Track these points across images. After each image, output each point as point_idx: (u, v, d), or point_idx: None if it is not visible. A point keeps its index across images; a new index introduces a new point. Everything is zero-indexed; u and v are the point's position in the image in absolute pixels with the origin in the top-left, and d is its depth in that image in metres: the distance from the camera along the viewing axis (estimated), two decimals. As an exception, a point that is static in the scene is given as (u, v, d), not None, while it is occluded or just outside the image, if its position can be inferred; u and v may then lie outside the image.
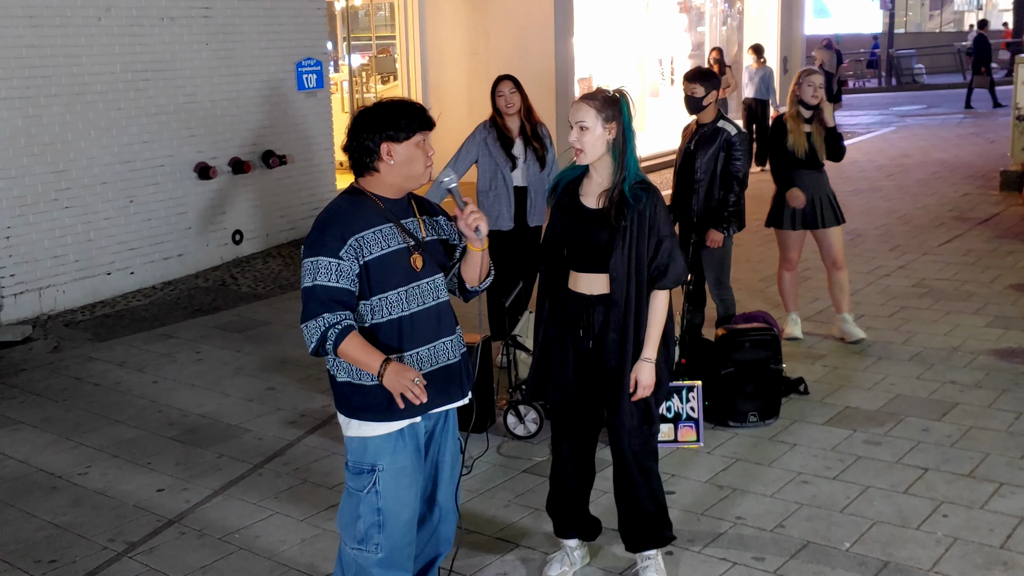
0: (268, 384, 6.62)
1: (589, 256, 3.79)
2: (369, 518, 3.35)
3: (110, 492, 5.13)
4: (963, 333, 6.99)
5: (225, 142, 9.77)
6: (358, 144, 3.28)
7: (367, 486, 3.33)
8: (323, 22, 10.92)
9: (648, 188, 3.76)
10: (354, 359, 3.19)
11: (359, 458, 3.35)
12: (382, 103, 3.33)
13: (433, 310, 3.37)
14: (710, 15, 21.25)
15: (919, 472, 4.93)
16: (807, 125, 6.77)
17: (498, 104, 6.47)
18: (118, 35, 8.76)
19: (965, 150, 16.09)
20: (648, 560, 4.03)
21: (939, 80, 31.70)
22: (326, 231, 3.24)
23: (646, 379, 3.77)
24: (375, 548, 3.36)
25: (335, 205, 3.34)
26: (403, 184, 3.33)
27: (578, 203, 3.83)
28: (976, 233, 10.16)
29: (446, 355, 3.40)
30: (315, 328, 3.18)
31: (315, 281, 3.21)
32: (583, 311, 3.83)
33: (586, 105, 3.71)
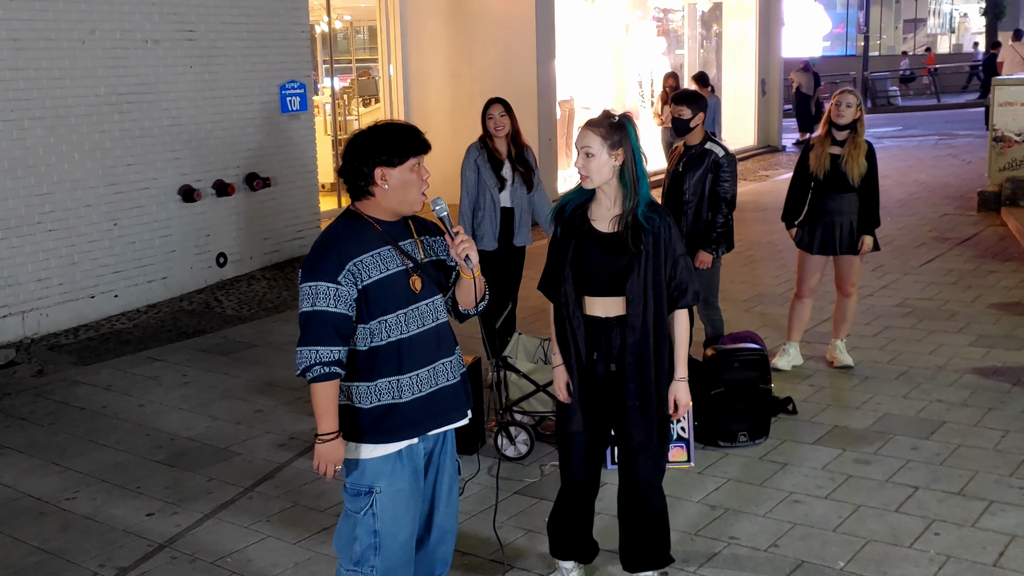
0: (256, 407, 6.59)
1: (606, 280, 3.81)
2: (366, 540, 3.34)
3: (99, 517, 5.09)
4: (948, 352, 7.05)
5: (209, 164, 9.76)
6: (352, 168, 3.27)
7: (364, 508, 3.32)
8: (306, 45, 10.94)
9: (658, 210, 3.80)
10: (317, 404, 3.25)
11: (357, 480, 3.35)
12: (377, 126, 3.32)
13: (432, 331, 3.37)
14: (688, 38, 21.41)
15: (910, 490, 4.96)
16: (836, 147, 6.52)
17: (488, 126, 6.59)
18: (102, 58, 8.74)
19: (942, 171, 16.25)
20: (646, 581, 4.04)
21: (913, 103, 32.03)
22: (324, 255, 3.24)
23: (684, 398, 3.87)
24: (371, 570, 3.36)
25: (333, 229, 3.33)
26: (398, 208, 3.32)
27: (590, 227, 3.83)
28: (956, 253, 10.26)
29: (445, 376, 3.41)
30: (306, 357, 3.22)
31: (314, 306, 3.21)
32: (600, 334, 3.84)
33: (591, 132, 3.74)
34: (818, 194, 6.63)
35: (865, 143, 6.52)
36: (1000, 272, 9.34)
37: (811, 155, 6.59)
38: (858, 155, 6.47)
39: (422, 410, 3.34)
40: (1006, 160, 12.51)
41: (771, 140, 21.29)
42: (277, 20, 10.39)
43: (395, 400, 3.29)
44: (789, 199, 6.82)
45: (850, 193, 6.56)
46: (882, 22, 44.82)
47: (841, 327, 6.89)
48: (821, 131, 6.64)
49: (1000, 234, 11.16)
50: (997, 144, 12.60)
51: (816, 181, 6.60)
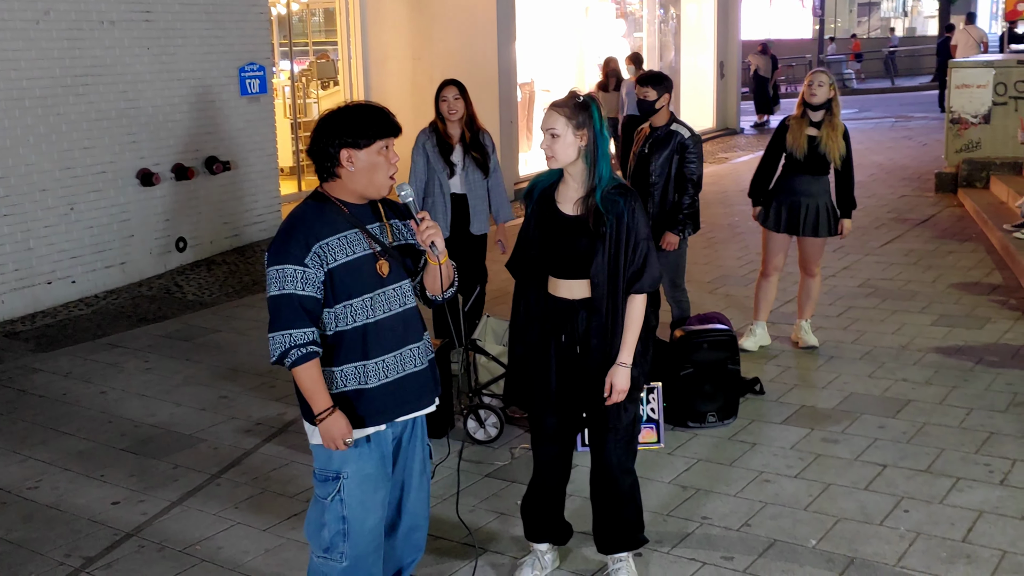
0: (221, 393, 6.51)
1: (570, 262, 3.78)
2: (334, 526, 3.32)
3: (63, 506, 5.00)
4: (910, 332, 7.11)
5: (168, 148, 9.60)
6: (319, 149, 3.22)
7: (332, 493, 3.30)
8: (266, 27, 10.79)
9: (625, 192, 3.74)
10: (302, 387, 3.20)
11: (324, 465, 3.32)
12: (347, 107, 3.26)
13: (399, 317, 3.32)
14: (648, 20, 21.42)
15: (878, 468, 5.00)
16: (813, 128, 6.53)
17: (441, 109, 6.40)
18: (57, 39, 8.56)
19: (899, 153, 16.41)
20: (620, 562, 4.03)
21: (869, 85, 32.31)
22: (290, 238, 3.18)
23: (621, 383, 3.75)
24: (340, 557, 3.34)
25: (299, 211, 3.27)
26: (365, 191, 3.27)
27: (555, 209, 3.81)
28: (915, 234, 10.36)
29: (413, 362, 3.36)
30: (280, 342, 3.16)
31: (282, 289, 3.15)
32: (566, 316, 3.81)
33: (556, 112, 3.71)
34: (789, 174, 6.64)
35: (841, 124, 6.54)
36: (959, 252, 9.45)
37: (788, 135, 6.59)
38: (836, 136, 6.48)
39: (389, 396, 3.30)
40: (963, 142, 12.65)
41: (729, 122, 21.40)
42: (236, 1, 10.23)
43: (361, 386, 3.25)
44: (758, 176, 6.83)
45: (824, 176, 6.60)
46: (837, 5, 45.14)
47: (806, 307, 6.93)
48: (796, 111, 6.64)
49: (958, 215, 11.29)
50: (954, 126, 12.73)
51: (790, 161, 6.60)
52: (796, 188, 6.61)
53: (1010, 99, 12.33)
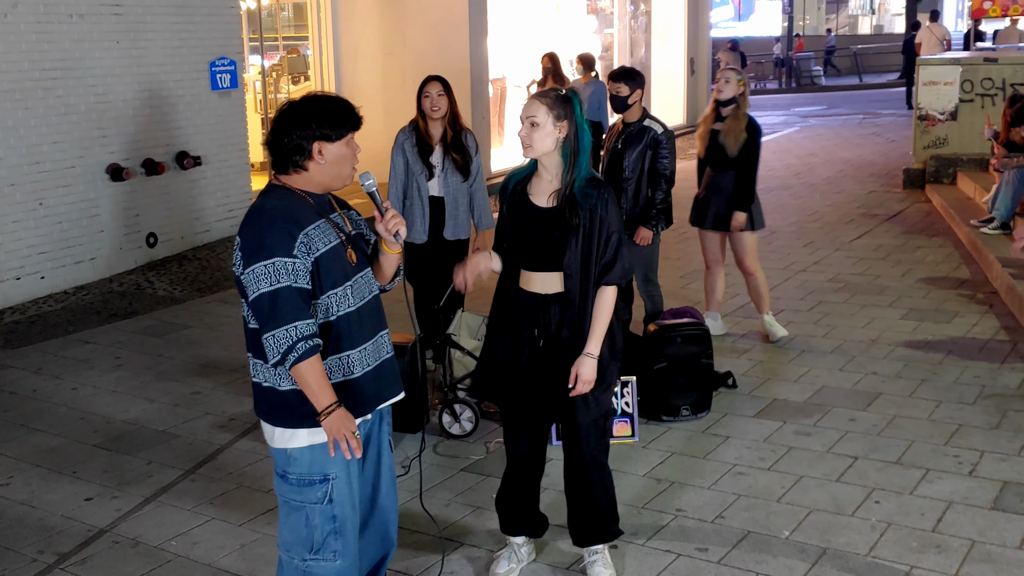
0: (193, 388, 6.48)
1: (543, 255, 3.78)
2: (325, 527, 3.22)
3: (35, 503, 4.96)
4: (880, 326, 7.19)
5: (138, 143, 9.53)
6: (288, 141, 3.13)
7: (320, 497, 3.19)
8: (237, 22, 10.72)
9: (598, 185, 3.76)
10: (306, 384, 3.06)
11: (308, 469, 3.19)
12: (311, 98, 3.20)
13: (373, 303, 3.30)
14: (618, 16, 21.48)
15: (849, 461, 5.06)
16: (719, 123, 6.73)
17: (423, 105, 6.10)
18: (25, 32, 8.48)
19: (868, 149, 16.56)
20: (596, 555, 4.06)
21: (837, 82, 32.56)
22: (272, 230, 3.05)
23: (587, 374, 3.74)
24: (333, 555, 3.25)
25: (269, 204, 3.14)
26: (330, 184, 3.22)
27: (528, 202, 3.82)
28: (884, 229, 10.46)
29: (385, 348, 3.34)
30: (285, 337, 2.99)
31: (278, 283, 3.00)
32: (538, 310, 3.82)
33: (538, 101, 3.71)
34: (703, 171, 6.96)
35: (746, 116, 6.72)
36: (927, 247, 9.56)
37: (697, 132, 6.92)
38: (737, 127, 6.66)
39: (371, 385, 3.25)
40: (930, 138, 12.79)
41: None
42: (206, -5, 10.18)
43: (347, 377, 3.19)
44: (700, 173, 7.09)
45: (729, 171, 6.76)
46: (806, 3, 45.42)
47: (761, 303, 7.03)
48: (708, 110, 6.88)
49: (925, 210, 11.42)
50: (922, 123, 12.86)
51: (702, 159, 6.92)
52: (716, 186, 6.87)
53: (977, 96, 12.47)
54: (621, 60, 20.84)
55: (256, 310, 3.05)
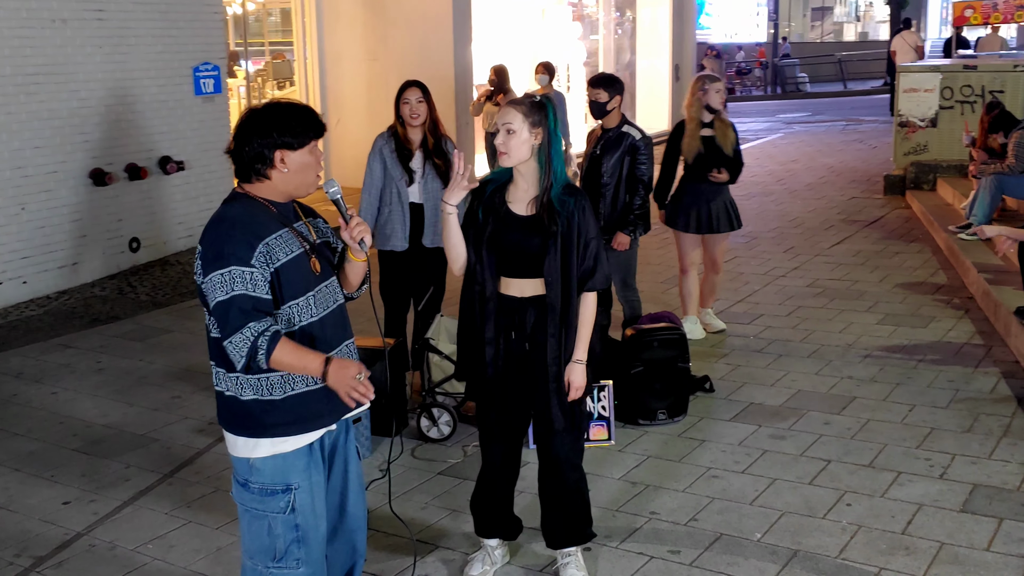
0: (174, 393, 6.50)
1: (522, 262, 3.82)
2: (288, 535, 3.21)
3: (12, 507, 4.98)
4: (857, 330, 7.26)
5: (120, 148, 9.55)
6: (250, 150, 3.10)
7: (283, 507, 3.18)
8: (220, 27, 10.75)
9: (574, 192, 3.81)
10: (290, 365, 3.03)
11: (270, 479, 3.17)
12: (274, 105, 3.17)
13: (337, 312, 3.28)
14: (604, 23, 21.56)
15: (822, 464, 5.11)
16: (707, 129, 6.94)
17: (402, 112, 6.00)
18: (7, 37, 8.49)
19: (849, 155, 16.66)
20: (568, 557, 4.10)
21: (821, 88, 32.71)
22: (230, 239, 3.02)
23: (579, 380, 3.83)
24: (296, 563, 3.24)
25: (231, 212, 3.11)
26: (293, 192, 3.20)
27: (507, 209, 3.84)
28: (864, 235, 10.54)
29: (350, 357, 3.30)
30: (243, 341, 2.96)
31: (232, 292, 2.98)
32: (515, 314, 3.86)
33: (513, 109, 3.74)
34: (693, 177, 7.03)
35: (728, 120, 7.06)
36: (905, 253, 9.63)
37: (683, 141, 7.00)
38: (726, 130, 6.97)
39: (335, 394, 3.17)
40: (911, 145, 12.88)
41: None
42: (190, 1, 10.19)
43: (309, 387, 3.15)
44: (661, 180, 7.12)
45: None
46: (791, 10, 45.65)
47: (709, 298, 7.46)
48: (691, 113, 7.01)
49: (905, 216, 11.50)
50: (902, 129, 12.95)
51: (688, 165, 7.02)
52: (701, 191, 7.01)
53: (956, 103, 12.57)
54: (606, 66, 20.92)
55: (216, 318, 3.03)
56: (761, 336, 7.22)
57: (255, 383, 3.12)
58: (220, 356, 3.14)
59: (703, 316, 7.39)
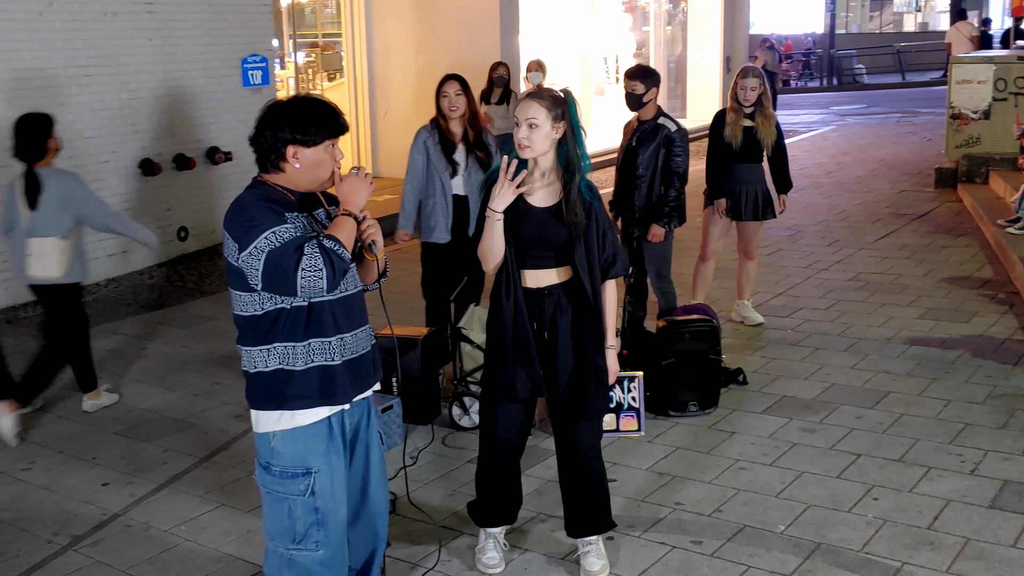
0: (214, 379, 6.63)
1: (541, 252, 3.88)
2: (308, 518, 3.29)
3: (54, 487, 5.12)
4: (897, 324, 7.19)
5: (169, 138, 9.73)
6: (264, 142, 3.19)
7: (303, 490, 3.26)
8: (268, 18, 10.90)
9: (589, 184, 3.90)
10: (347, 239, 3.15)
11: (290, 462, 3.26)
12: (296, 100, 3.24)
13: (355, 297, 3.35)
14: (655, 15, 21.46)
15: (852, 458, 5.08)
16: (747, 120, 6.95)
17: (441, 105, 6.11)
18: (60, 30, 8.69)
19: (902, 148, 16.44)
20: (589, 545, 4.13)
21: (879, 80, 32.25)
22: (259, 212, 3.09)
23: (613, 365, 3.96)
24: (315, 546, 3.32)
25: (250, 196, 3.19)
26: (307, 186, 3.26)
27: (524, 201, 3.86)
28: (912, 228, 10.41)
29: (366, 342, 3.39)
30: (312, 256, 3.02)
31: (281, 240, 3.03)
32: (534, 304, 3.92)
33: (536, 103, 3.76)
34: (731, 164, 7.03)
35: (773, 115, 7.05)
36: (953, 247, 9.50)
37: (726, 129, 6.99)
38: (768, 126, 6.96)
39: (352, 375, 3.30)
40: (963, 137, 12.69)
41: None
42: (238, -7, 10.36)
43: (328, 362, 3.23)
44: (712, 170, 7.12)
45: (760, 164, 7.08)
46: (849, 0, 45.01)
47: (746, 288, 7.39)
48: (731, 104, 7.06)
49: (955, 210, 11.34)
50: (954, 121, 12.76)
51: (728, 152, 6.99)
52: (740, 177, 7.03)
53: (1010, 95, 12.35)
54: (657, 58, 20.84)
55: (274, 272, 3.05)
56: (799, 329, 7.18)
57: (281, 352, 3.20)
58: (246, 336, 3.24)
59: (740, 309, 7.38)
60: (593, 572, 4.08)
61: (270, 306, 3.19)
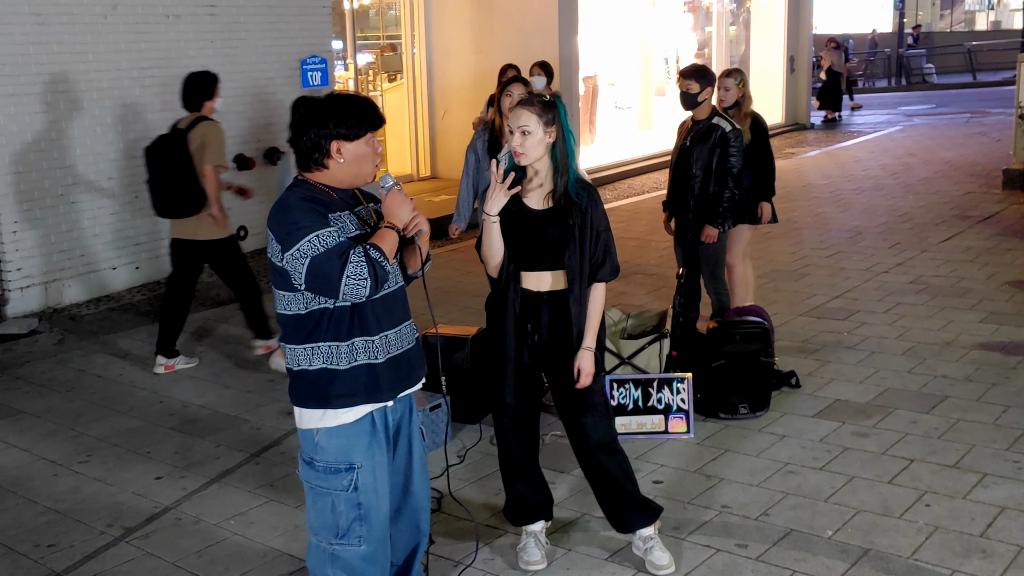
0: (268, 376, 6.71)
1: (540, 255, 3.95)
2: (350, 513, 3.31)
3: (109, 480, 5.23)
4: (957, 328, 7.04)
5: (229, 139, 9.79)
6: (307, 140, 3.20)
7: (346, 485, 3.29)
8: (328, 20, 11.01)
9: (586, 186, 3.96)
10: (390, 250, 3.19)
11: (333, 458, 3.29)
12: (333, 97, 3.27)
13: (398, 292, 3.38)
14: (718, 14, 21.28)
15: (905, 463, 4.99)
16: None
17: (503, 104, 6.18)
18: (124, 32, 8.87)
19: (970, 149, 16.10)
20: (651, 540, 4.15)
21: (949, 80, 31.64)
22: (304, 214, 3.13)
23: (588, 366, 3.96)
24: (358, 541, 3.34)
25: (295, 196, 3.21)
26: (352, 181, 3.30)
27: (522, 205, 3.95)
28: (976, 231, 10.19)
29: (409, 338, 3.41)
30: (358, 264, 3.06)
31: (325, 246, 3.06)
32: (531, 307, 3.99)
33: (527, 111, 3.85)
34: None
35: (752, 113, 6.79)
36: (1019, 250, 9.28)
37: None
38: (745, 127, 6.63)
39: (394, 371, 3.32)
40: (1031, 137, 12.38)
41: (799, 118, 21.15)
42: (298, -5, 10.48)
43: (371, 360, 3.26)
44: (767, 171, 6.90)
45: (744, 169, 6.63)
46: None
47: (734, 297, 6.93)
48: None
49: (1022, 212, 11.07)
50: (1023, 122, 12.46)
51: None
52: None
53: (1082, 94, 12.02)
54: (719, 58, 20.66)
55: (319, 276, 3.08)
56: (855, 332, 7.06)
57: (325, 351, 3.23)
58: (291, 333, 3.28)
59: None
60: (662, 566, 4.09)
61: (314, 306, 3.22)
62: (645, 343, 5.78)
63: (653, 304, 7.68)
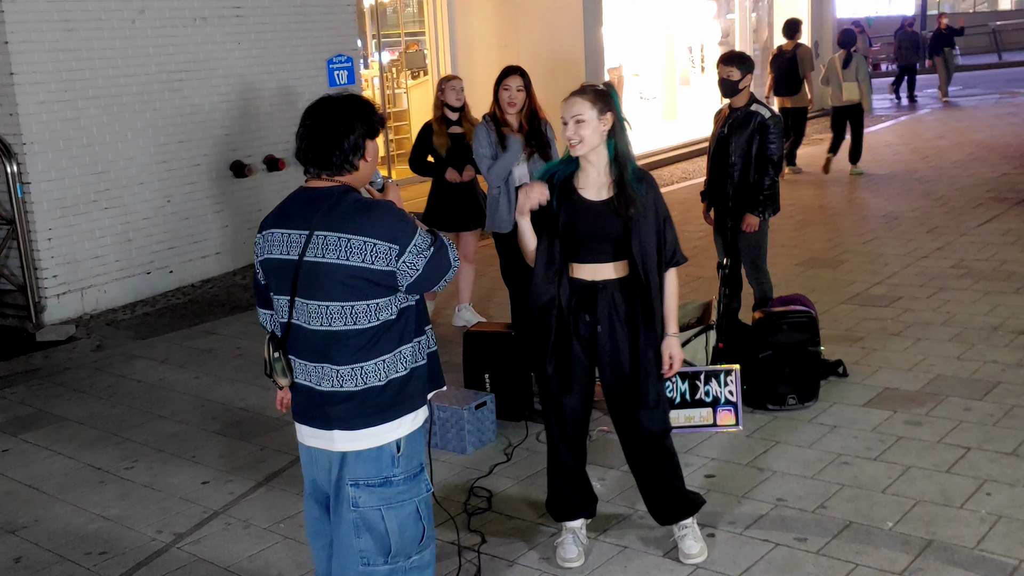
0: (308, 377, 6.67)
1: (599, 246, 3.89)
2: (429, 514, 3.19)
3: (156, 485, 5.21)
4: (1004, 312, 6.92)
5: (259, 140, 9.85)
6: (347, 142, 3.05)
7: (425, 486, 3.17)
8: (353, 19, 10.97)
9: (644, 175, 3.92)
10: None
11: (409, 463, 3.13)
12: (354, 97, 3.16)
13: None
14: (739, 2, 21.12)
15: (961, 451, 4.90)
16: (456, 127, 7.04)
17: (501, 97, 6.12)
18: (152, 37, 8.86)
19: (1002, 130, 15.91)
20: (685, 529, 4.11)
21: (973, 61, 31.29)
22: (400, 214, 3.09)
23: (678, 352, 3.96)
24: (430, 540, 3.21)
25: (372, 200, 3.14)
26: (364, 181, 3.21)
27: (579, 196, 3.90)
28: (1015, 213, 10.05)
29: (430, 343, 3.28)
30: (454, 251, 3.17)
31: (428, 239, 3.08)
32: (588, 297, 3.93)
33: (580, 99, 3.81)
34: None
35: None
36: (1060, 231, 9.15)
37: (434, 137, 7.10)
38: None
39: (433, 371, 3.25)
40: (1067, 117, 12.19)
41: (825, 103, 20.93)
42: (323, -6, 10.44)
43: (431, 348, 3.22)
44: None
45: None
46: (941, -20, 43.78)
47: None
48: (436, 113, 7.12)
49: (1061, 193, 10.92)
50: (1058, 101, 12.28)
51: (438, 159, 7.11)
52: None
53: (1118, 71, 11.83)
54: (742, 45, 20.51)
55: (436, 268, 3.08)
56: (899, 319, 6.96)
57: (410, 352, 3.10)
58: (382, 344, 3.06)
59: None
60: (692, 555, 4.06)
61: (404, 304, 3.11)
62: (691, 335, 5.71)
63: (690, 296, 7.60)
